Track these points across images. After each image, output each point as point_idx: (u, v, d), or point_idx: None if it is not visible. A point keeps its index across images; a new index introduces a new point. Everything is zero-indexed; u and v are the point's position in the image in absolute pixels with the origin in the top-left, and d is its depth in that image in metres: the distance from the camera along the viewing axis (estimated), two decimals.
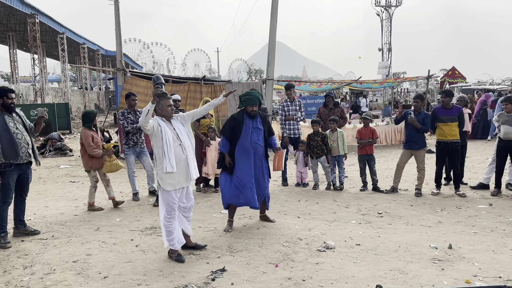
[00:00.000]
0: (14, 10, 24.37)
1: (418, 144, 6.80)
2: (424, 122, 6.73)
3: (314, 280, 3.68)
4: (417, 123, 6.66)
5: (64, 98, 30.34)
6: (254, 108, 5.12)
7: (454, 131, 6.70)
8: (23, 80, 45.28)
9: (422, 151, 6.85)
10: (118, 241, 4.83)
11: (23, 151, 4.86)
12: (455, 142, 6.71)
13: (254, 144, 5.11)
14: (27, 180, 5.10)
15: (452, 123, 6.69)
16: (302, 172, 7.69)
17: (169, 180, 4.14)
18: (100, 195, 6.99)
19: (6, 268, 4.12)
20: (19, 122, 4.95)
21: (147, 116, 4.00)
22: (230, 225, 5.22)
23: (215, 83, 12.19)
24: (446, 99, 6.82)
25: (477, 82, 26.99)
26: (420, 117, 6.75)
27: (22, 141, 4.86)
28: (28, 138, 4.98)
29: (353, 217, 5.67)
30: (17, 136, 4.81)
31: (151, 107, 4.03)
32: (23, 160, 4.89)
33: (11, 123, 4.81)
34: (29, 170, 5.09)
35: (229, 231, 5.10)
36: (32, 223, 5.55)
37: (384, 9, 44.23)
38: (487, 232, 4.91)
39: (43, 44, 31.35)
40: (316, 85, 17.26)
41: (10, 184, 4.83)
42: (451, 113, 6.72)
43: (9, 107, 4.81)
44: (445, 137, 6.74)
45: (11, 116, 4.86)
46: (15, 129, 4.82)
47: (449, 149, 6.73)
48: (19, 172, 4.91)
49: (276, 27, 11.85)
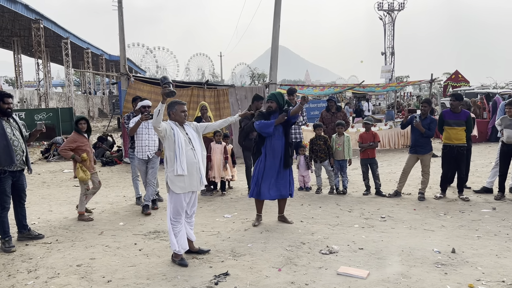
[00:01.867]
0: (19, 16, 24.59)
1: (424, 149, 6.77)
2: (430, 127, 6.68)
3: (317, 284, 3.68)
4: (421, 127, 6.64)
5: (68, 103, 30.54)
6: (269, 103, 5.43)
7: (460, 135, 6.67)
8: (28, 85, 45.52)
9: (427, 156, 6.83)
10: (121, 245, 4.85)
11: (17, 158, 4.82)
12: (460, 146, 6.69)
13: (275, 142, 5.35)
14: (22, 186, 5.08)
15: (458, 127, 6.66)
16: (304, 176, 7.70)
17: (179, 183, 4.16)
18: (101, 199, 7.04)
19: (10, 272, 4.14)
20: (16, 128, 4.92)
21: (158, 116, 4.03)
22: (258, 219, 5.57)
23: (218, 88, 12.22)
24: (455, 103, 6.76)
25: (480, 85, 26.92)
26: (426, 122, 6.72)
27: (18, 148, 4.83)
28: (23, 145, 4.95)
29: (356, 221, 5.67)
30: (14, 143, 4.78)
31: (161, 107, 4.03)
32: (17, 167, 4.86)
33: (9, 129, 4.78)
34: (23, 177, 5.08)
35: (256, 225, 5.45)
36: (36, 227, 5.57)
37: (387, 13, 44.32)
38: (491, 236, 4.90)
39: (47, 49, 31.62)
40: (319, 89, 17.28)
41: (6, 190, 4.81)
42: (458, 117, 6.69)
43: (5, 112, 4.77)
44: (451, 141, 6.72)
45: (8, 122, 4.83)
46: (12, 136, 4.79)
47: (455, 153, 6.71)
48: (13, 178, 4.89)
49: (279, 32, 11.88)
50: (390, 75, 38.40)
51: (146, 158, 6.25)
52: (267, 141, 5.37)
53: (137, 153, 6.26)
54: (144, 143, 6.22)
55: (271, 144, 5.36)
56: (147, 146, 6.23)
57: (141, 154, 6.23)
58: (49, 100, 26.97)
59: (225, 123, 4.86)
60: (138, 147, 6.24)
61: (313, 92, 18.01)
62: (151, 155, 6.30)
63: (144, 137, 6.23)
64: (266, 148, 5.38)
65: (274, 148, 5.36)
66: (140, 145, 6.22)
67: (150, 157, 6.29)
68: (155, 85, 11.63)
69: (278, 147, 5.37)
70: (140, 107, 6.24)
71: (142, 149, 6.22)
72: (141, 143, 6.22)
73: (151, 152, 6.28)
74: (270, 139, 5.35)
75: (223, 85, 14.71)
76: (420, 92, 50.67)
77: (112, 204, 6.92)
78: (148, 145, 6.25)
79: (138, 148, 6.24)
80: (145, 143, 6.23)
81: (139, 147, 6.24)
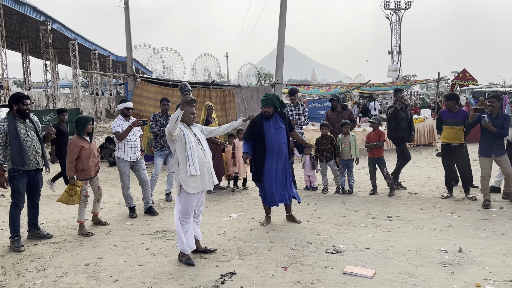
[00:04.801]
0: (27, 18, 24.79)
1: (499, 150, 6.21)
2: (503, 125, 6.11)
3: (323, 283, 3.69)
4: (492, 127, 6.09)
5: (76, 104, 30.79)
6: (266, 109, 5.40)
7: (458, 135, 6.63)
8: (36, 86, 45.96)
9: (504, 156, 6.24)
10: (129, 245, 4.89)
11: (31, 158, 4.89)
12: (458, 145, 6.66)
13: (279, 144, 5.37)
14: (37, 185, 5.16)
15: (456, 127, 6.62)
16: (310, 176, 7.70)
17: (192, 183, 4.19)
18: (108, 199, 7.08)
19: (19, 271, 4.19)
20: (32, 129, 4.99)
21: (176, 123, 4.04)
22: (267, 220, 5.62)
23: (224, 88, 12.25)
24: (448, 103, 6.77)
25: (488, 84, 26.72)
26: (499, 121, 6.15)
27: (31, 148, 4.89)
28: (38, 145, 5.00)
29: (363, 220, 5.66)
30: (26, 143, 4.85)
31: (180, 114, 4.04)
32: (31, 167, 4.92)
33: (23, 130, 4.85)
34: (38, 176, 5.14)
35: (264, 225, 5.49)
36: (45, 227, 5.63)
37: (394, 12, 44.10)
38: (498, 236, 4.87)
39: (55, 50, 31.86)
40: (325, 89, 17.26)
41: (20, 189, 4.90)
42: (455, 117, 6.65)
43: (24, 113, 4.87)
44: (448, 140, 6.70)
45: (24, 122, 4.91)
46: (26, 136, 4.86)
47: (452, 152, 6.69)
48: (28, 177, 4.96)
49: (284, 32, 11.88)
50: (397, 74, 38.23)
51: (134, 160, 6.15)
52: (270, 144, 5.37)
53: (125, 155, 6.10)
54: (133, 144, 6.12)
55: (275, 147, 5.36)
56: (136, 147, 6.15)
57: (128, 156, 6.10)
58: (57, 101, 27.18)
59: (229, 128, 4.96)
60: (127, 149, 6.10)
61: (319, 92, 17.99)
62: (139, 157, 6.24)
63: (133, 139, 6.13)
64: (268, 151, 5.37)
65: (280, 151, 5.39)
66: (129, 146, 6.10)
67: (138, 158, 6.22)
68: (161, 85, 11.68)
69: (284, 150, 5.41)
70: (123, 108, 6.17)
71: (131, 151, 6.11)
72: (130, 144, 6.10)
73: (137, 154, 6.20)
74: (272, 141, 5.36)
75: (229, 85, 14.74)
76: (427, 91, 50.34)
77: (119, 204, 6.97)
78: (136, 146, 6.17)
79: (127, 150, 6.10)
80: (134, 145, 6.13)
81: (128, 149, 6.10)
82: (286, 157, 5.47)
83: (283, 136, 5.41)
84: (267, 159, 5.37)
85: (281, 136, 5.38)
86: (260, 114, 5.51)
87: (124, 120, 6.15)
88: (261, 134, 5.35)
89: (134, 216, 6.10)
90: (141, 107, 11.14)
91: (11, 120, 4.79)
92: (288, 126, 5.53)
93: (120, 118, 6.17)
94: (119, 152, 6.14)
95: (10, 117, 4.81)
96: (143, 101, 11.29)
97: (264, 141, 5.34)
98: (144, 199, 6.37)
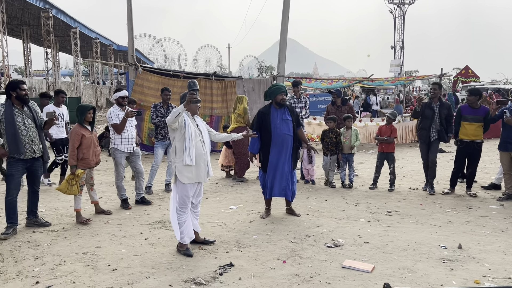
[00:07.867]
0: (28, 5, 24.64)
1: None
2: None
3: (322, 277, 3.68)
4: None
5: (76, 92, 30.67)
6: (283, 96, 5.45)
7: (477, 131, 6.53)
8: (36, 74, 45.79)
9: None
10: (127, 234, 4.87)
11: (26, 147, 4.83)
12: (477, 142, 6.57)
13: (283, 135, 5.38)
14: (36, 173, 5.13)
15: (476, 123, 6.51)
16: (308, 169, 7.68)
17: (187, 173, 4.17)
18: (107, 188, 7.05)
19: (17, 258, 4.18)
20: (29, 117, 4.89)
21: (176, 118, 4.03)
22: (266, 212, 5.61)
23: (226, 79, 12.19)
24: (470, 98, 6.64)
25: (491, 81, 26.63)
26: None
27: (26, 137, 4.82)
28: (34, 134, 4.89)
29: (362, 215, 5.65)
30: (22, 132, 4.79)
31: (182, 110, 4.04)
32: (27, 156, 4.86)
33: (19, 118, 4.79)
34: (37, 163, 5.06)
35: (264, 218, 5.47)
36: (44, 215, 5.62)
37: (397, 7, 43.80)
38: (498, 233, 4.86)
39: (56, 38, 31.68)
40: (327, 83, 17.18)
41: (14, 175, 4.86)
42: (477, 113, 6.54)
43: (23, 98, 4.81)
44: (467, 137, 6.58)
45: (21, 110, 4.84)
46: (22, 125, 4.79)
47: (470, 149, 6.60)
48: (25, 165, 4.93)
49: (287, 24, 11.79)
50: (399, 69, 38.06)
51: (131, 151, 6.11)
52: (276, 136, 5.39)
53: (122, 146, 6.04)
54: (129, 135, 6.06)
55: (280, 137, 5.38)
56: (132, 138, 6.10)
57: (126, 147, 6.05)
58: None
59: (227, 138, 4.95)
60: (124, 140, 6.04)
61: (321, 86, 17.91)
62: (135, 148, 6.20)
63: (129, 129, 6.08)
64: (273, 141, 5.40)
65: (285, 142, 5.40)
66: (126, 137, 6.04)
67: (135, 149, 6.19)
68: (163, 75, 11.63)
69: (288, 142, 5.42)
70: (118, 97, 6.11)
71: (128, 142, 6.06)
72: (127, 135, 6.05)
73: (133, 145, 6.15)
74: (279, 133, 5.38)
75: (231, 76, 14.67)
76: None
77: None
78: (133, 137, 6.12)
79: (124, 141, 6.04)
80: (131, 135, 6.08)
81: (125, 140, 6.05)
82: (290, 150, 5.45)
83: (289, 128, 5.40)
84: (272, 149, 5.40)
85: (286, 128, 5.38)
86: (269, 104, 5.55)
87: (120, 110, 6.09)
88: (267, 123, 5.39)
89: (129, 208, 6.07)
90: (142, 97, 11.10)
91: (9, 107, 4.74)
92: (295, 121, 5.52)
93: (116, 108, 6.10)
94: (115, 143, 6.05)
95: (8, 103, 4.76)
96: (144, 91, 11.25)
97: (270, 131, 5.37)
98: (136, 189, 6.33)
